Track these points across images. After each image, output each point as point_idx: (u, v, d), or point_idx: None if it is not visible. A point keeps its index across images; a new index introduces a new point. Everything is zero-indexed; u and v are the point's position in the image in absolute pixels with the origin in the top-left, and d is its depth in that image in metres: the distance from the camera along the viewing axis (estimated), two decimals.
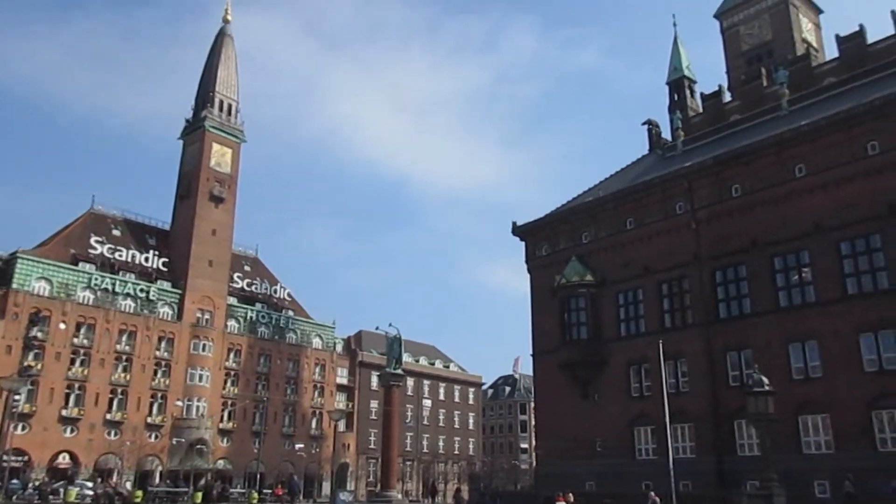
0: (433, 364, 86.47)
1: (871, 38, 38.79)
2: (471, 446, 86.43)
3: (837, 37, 40.61)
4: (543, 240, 43.67)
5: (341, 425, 58.38)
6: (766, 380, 25.62)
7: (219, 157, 68.62)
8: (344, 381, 74.38)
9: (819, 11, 57.12)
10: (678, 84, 49.46)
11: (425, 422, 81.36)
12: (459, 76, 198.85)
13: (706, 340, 34.33)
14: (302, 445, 65.20)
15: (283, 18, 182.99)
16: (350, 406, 72.74)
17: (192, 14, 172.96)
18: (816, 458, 29.64)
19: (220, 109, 70.51)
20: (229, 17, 74.56)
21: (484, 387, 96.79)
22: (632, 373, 37.22)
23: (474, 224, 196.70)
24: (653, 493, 28.79)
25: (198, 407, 59.88)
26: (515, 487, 69.98)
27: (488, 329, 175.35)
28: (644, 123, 48.84)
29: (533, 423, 78.00)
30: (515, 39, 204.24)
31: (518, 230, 44.80)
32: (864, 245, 30.27)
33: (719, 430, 32.96)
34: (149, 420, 57.11)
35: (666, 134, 47.96)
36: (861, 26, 39.06)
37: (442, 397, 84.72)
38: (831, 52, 43.81)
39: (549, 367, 40.36)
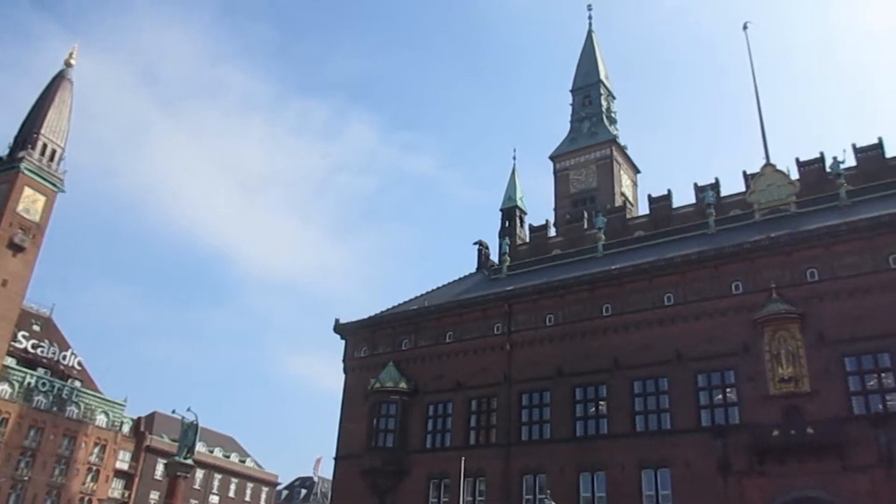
0: (228, 457, 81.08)
1: (676, 202, 43.90)
2: None
3: (649, 196, 45.59)
4: (363, 341, 43.49)
5: None
6: None
7: (29, 202, 62.79)
8: (125, 466, 67.64)
9: (637, 171, 64.23)
10: (510, 212, 52.77)
11: None
12: (297, 157, 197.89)
13: (506, 461, 35.14)
14: None
15: (123, 64, 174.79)
16: (127, 496, 65.77)
17: (31, 50, 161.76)
18: None
19: (42, 153, 65.16)
20: (73, 62, 70.51)
21: (279, 487, 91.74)
22: (431, 486, 37.03)
23: (293, 312, 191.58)
24: None
25: None
26: None
27: (295, 425, 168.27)
28: (475, 243, 51.28)
29: None
30: (357, 130, 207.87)
31: (340, 328, 44.36)
32: (654, 386, 33.04)
33: None
34: None
35: (494, 256, 50.49)
36: (669, 191, 44.22)
37: (232, 494, 79.12)
38: (643, 208, 49.00)
39: (350, 472, 39.21)
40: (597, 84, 65.61)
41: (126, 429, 69.11)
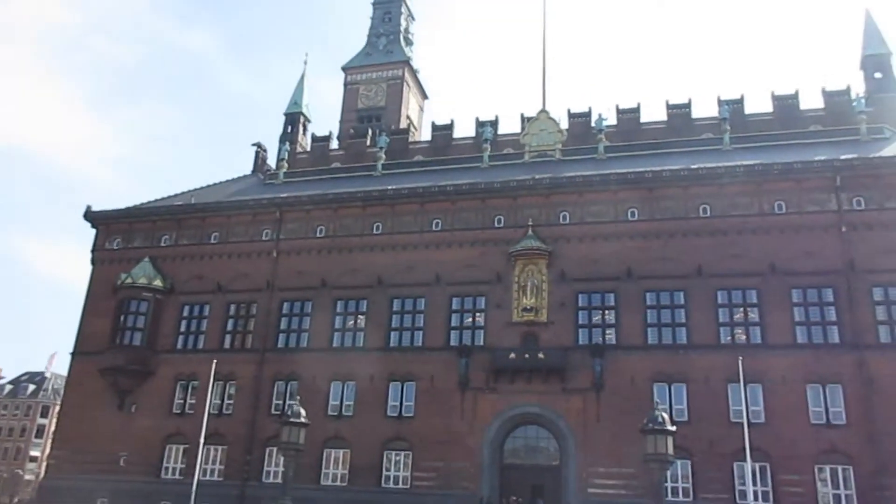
0: None
1: (458, 134, 45.39)
2: None
3: (433, 123, 46.60)
4: (118, 232, 40.27)
5: None
6: (303, 412, 27.24)
7: None
8: None
9: (425, 97, 65.13)
10: (294, 118, 51.12)
11: None
12: (45, 8, 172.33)
13: (260, 366, 35.12)
14: None
15: None
16: None
17: None
18: (331, 490, 32.20)
19: None
20: None
21: (2, 381, 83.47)
22: (178, 388, 36.02)
23: (34, 193, 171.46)
24: None
25: None
26: (11, 501, 61.05)
27: (30, 317, 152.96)
28: (253, 145, 49.18)
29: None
30: None
31: (91, 216, 40.57)
32: (412, 305, 34.65)
33: (251, 456, 33.66)
34: None
35: (272, 161, 48.83)
36: (452, 121, 45.53)
37: None
38: (426, 134, 50.01)
39: (88, 369, 36.74)
40: (399, 1, 64.79)
41: None
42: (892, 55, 39.60)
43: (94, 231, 40.86)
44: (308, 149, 49.15)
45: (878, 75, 39.18)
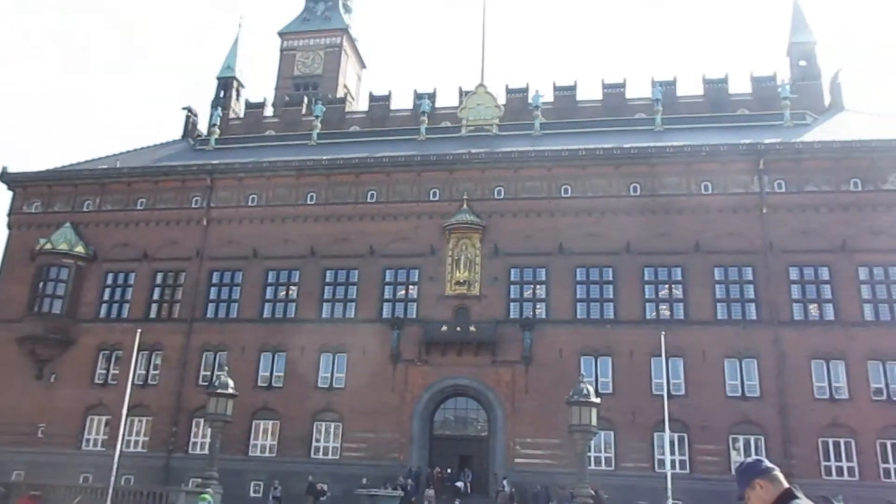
0: None
1: (395, 105, 44.91)
2: None
3: (371, 94, 46.01)
4: (37, 196, 38.51)
5: None
6: (231, 383, 26.96)
7: None
8: None
9: (363, 66, 64.16)
10: (227, 82, 49.50)
11: None
12: None
13: (187, 336, 34.39)
14: None
15: None
16: None
17: None
18: (259, 461, 31.99)
19: None
20: None
21: None
22: (101, 358, 34.97)
23: None
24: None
25: None
26: None
27: None
28: (184, 109, 47.58)
29: None
30: None
31: (8, 177, 38.65)
32: (345, 276, 34.46)
33: (177, 427, 33.07)
34: None
35: (204, 126, 47.40)
36: (389, 92, 44.98)
37: None
38: (363, 104, 49.37)
39: (4, 338, 35.20)
40: None
41: None
42: (816, 44, 41.05)
43: (10, 194, 39.00)
44: (241, 115, 47.79)
45: (802, 63, 40.56)
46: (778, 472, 3.36)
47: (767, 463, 3.40)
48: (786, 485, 3.32)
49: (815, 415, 28.78)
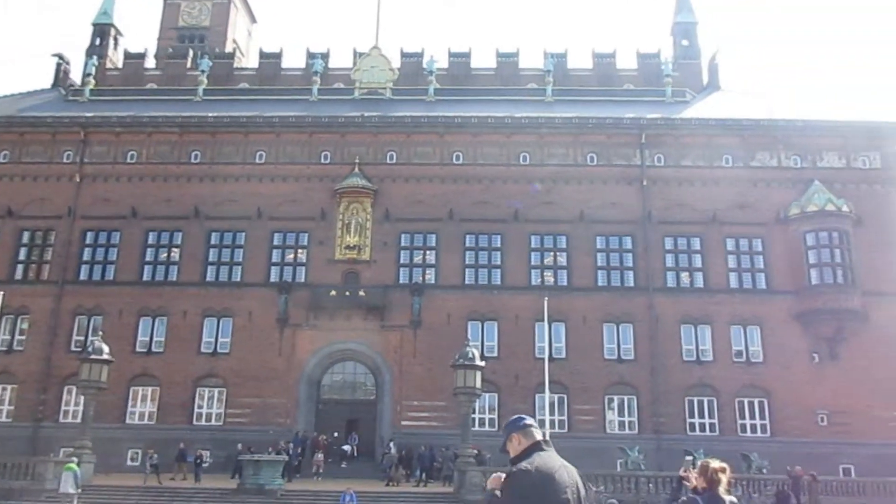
0: None
1: (286, 63, 43.49)
2: None
3: (261, 50, 44.36)
4: None
5: None
6: (106, 348, 25.75)
7: None
8: None
9: (254, 21, 61.63)
10: (103, 29, 46.22)
11: None
12: None
13: (58, 300, 32.45)
14: None
15: None
16: None
17: None
18: (138, 428, 30.87)
19: None
20: None
21: None
22: None
23: None
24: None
25: None
26: None
27: None
28: (54, 55, 44.10)
29: None
30: None
31: None
32: (231, 239, 33.45)
33: (45, 395, 31.32)
34: None
35: (77, 76, 44.23)
36: (281, 50, 43.53)
37: None
38: (253, 61, 47.50)
39: None
40: None
41: None
42: (697, 24, 42.98)
43: None
44: (119, 65, 44.93)
45: (684, 42, 42.41)
46: (534, 429, 3.85)
47: (528, 420, 3.88)
48: (537, 438, 3.77)
49: (682, 376, 30.81)
